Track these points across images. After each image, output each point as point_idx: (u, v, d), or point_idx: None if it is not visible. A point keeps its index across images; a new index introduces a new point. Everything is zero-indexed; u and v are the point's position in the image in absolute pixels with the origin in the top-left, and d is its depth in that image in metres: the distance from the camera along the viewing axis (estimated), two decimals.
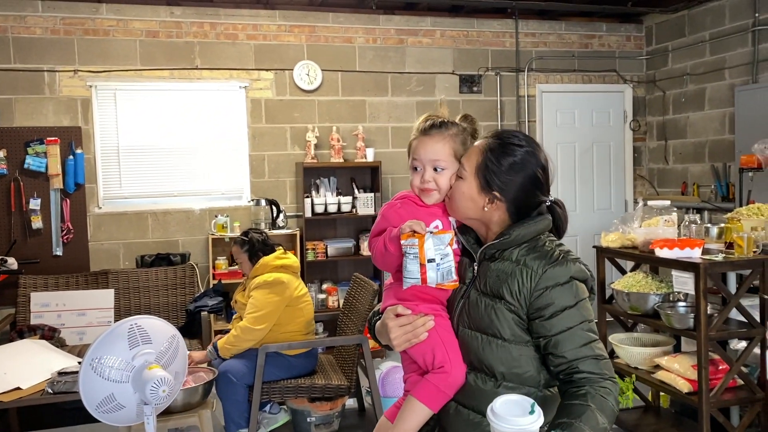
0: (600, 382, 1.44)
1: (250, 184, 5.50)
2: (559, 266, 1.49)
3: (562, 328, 1.45)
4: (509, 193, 1.54)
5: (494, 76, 6.07)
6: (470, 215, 1.59)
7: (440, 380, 1.54)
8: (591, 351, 1.46)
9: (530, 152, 1.56)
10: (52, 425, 4.19)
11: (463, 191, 1.57)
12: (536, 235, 1.55)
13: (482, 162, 1.55)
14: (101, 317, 4.62)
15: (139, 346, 1.85)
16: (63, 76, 5.01)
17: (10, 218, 4.88)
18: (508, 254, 1.53)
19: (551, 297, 1.47)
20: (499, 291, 1.50)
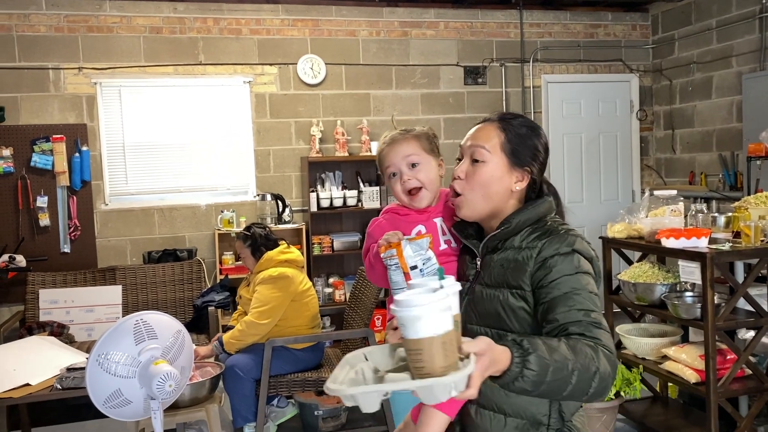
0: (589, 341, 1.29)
1: (256, 179, 5.50)
2: (560, 239, 1.42)
3: (560, 291, 1.36)
4: (535, 165, 1.52)
5: (499, 67, 6.04)
6: (496, 200, 1.50)
7: None
8: (586, 316, 1.33)
9: (530, 121, 1.57)
10: (62, 421, 4.23)
11: (491, 173, 1.49)
12: (539, 218, 1.50)
13: (506, 139, 1.50)
14: (109, 313, 4.64)
15: (145, 341, 1.86)
16: (68, 74, 5.02)
17: (18, 216, 4.91)
18: (510, 242, 1.48)
19: (550, 266, 1.39)
20: (504, 280, 1.45)
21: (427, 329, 1.07)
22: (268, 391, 3.51)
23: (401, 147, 1.65)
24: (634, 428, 3.75)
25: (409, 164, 1.62)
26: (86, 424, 4.16)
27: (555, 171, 6.26)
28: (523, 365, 1.19)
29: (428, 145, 1.67)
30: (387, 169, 1.65)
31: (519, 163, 1.50)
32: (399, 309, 1.09)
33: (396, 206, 1.67)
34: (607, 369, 1.26)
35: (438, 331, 1.07)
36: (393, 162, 1.64)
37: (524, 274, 1.42)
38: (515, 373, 1.19)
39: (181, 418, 3.06)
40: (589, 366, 1.24)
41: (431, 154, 1.67)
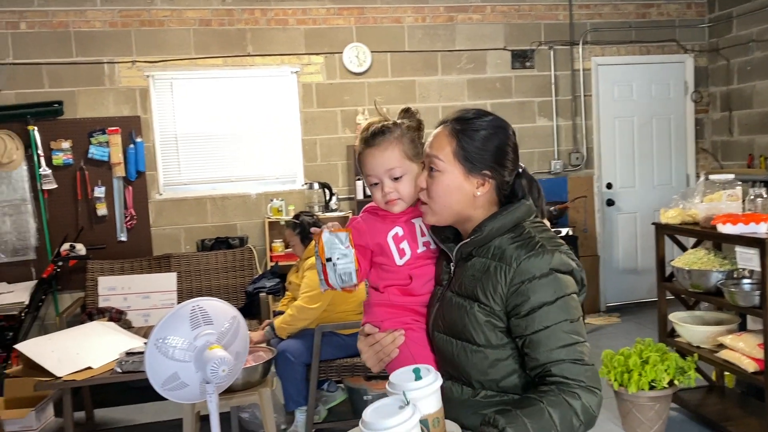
0: (571, 387, 1.28)
1: (303, 168, 5.56)
2: (535, 257, 1.34)
3: (539, 327, 1.31)
4: (495, 167, 1.43)
5: (547, 50, 5.93)
6: (457, 208, 1.44)
7: None
8: (569, 354, 1.30)
9: (494, 119, 1.47)
10: (122, 403, 4.40)
11: (447, 184, 1.43)
12: (516, 223, 1.42)
13: (458, 146, 1.42)
14: (165, 300, 4.79)
15: (201, 326, 1.91)
16: (122, 68, 5.17)
17: (77, 206, 5.09)
18: (485, 250, 1.41)
19: (527, 292, 1.33)
20: (473, 292, 1.39)
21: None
22: (318, 376, 3.57)
23: (383, 157, 1.53)
24: (688, 417, 3.67)
25: (391, 177, 1.53)
26: (145, 406, 4.31)
27: (606, 155, 6.13)
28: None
29: (411, 149, 1.55)
30: (368, 177, 1.56)
31: (475, 169, 1.42)
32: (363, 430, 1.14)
33: (375, 206, 1.60)
34: (591, 414, 1.29)
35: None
36: (374, 172, 1.54)
37: (494, 291, 1.36)
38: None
39: (234, 402, 3.14)
40: (572, 425, 1.26)
41: (414, 160, 1.54)
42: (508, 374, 1.38)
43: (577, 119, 6.05)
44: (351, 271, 1.43)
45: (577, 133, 6.06)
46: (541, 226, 1.44)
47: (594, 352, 4.99)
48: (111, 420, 4.15)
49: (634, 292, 6.24)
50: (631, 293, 6.24)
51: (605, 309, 6.12)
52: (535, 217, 1.46)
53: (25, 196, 5.00)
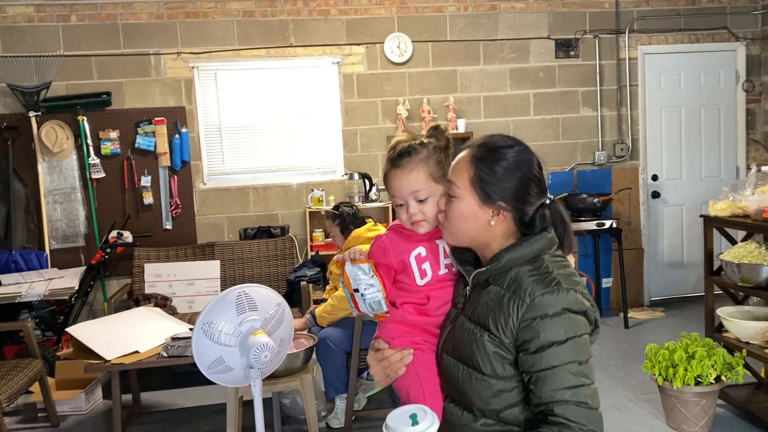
0: (572, 430, 1.27)
1: (344, 159, 5.59)
2: (549, 295, 1.32)
3: (546, 365, 1.30)
4: (513, 200, 1.40)
5: (592, 39, 5.81)
6: (473, 235, 1.43)
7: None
8: (574, 396, 1.29)
9: (520, 151, 1.43)
10: (167, 387, 4.51)
11: (462, 210, 1.42)
12: (535, 255, 1.39)
13: (475, 174, 1.40)
14: (208, 287, 4.89)
15: (246, 312, 1.94)
16: (167, 59, 5.27)
17: (124, 195, 5.23)
18: (502, 279, 1.39)
19: (538, 329, 1.31)
20: (485, 321, 1.37)
21: None
22: (358, 364, 3.60)
23: (408, 179, 1.53)
24: (735, 415, 3.59)
25: (416, 199, 1.53)
26: (188, 390, 4.42)
27: (652, 146, 6.00)
28: None
29: (437, 170, 1.54)
30: (394, 197, 1.57)
31: (490, 200, 1.40)
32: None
33: (400, 224, 1.60)
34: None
35: None
36: (400, 194, 1.55)
37: (506, 324, 1.34)
38: None
39: (277, 387, 3.19)
40: None
41: (439, 182, 1.53)
42: (510, 406, 1.37)
43: (622, 109, 5.92)
44: (380, 300, 1.46)
45: (622, 123, 5.94)
46: (561, 261, 1.41)
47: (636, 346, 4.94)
48: (156, 403, 4.26)
49: (679, 286, 6.10)
50: (675, 287, 6.11)
51: (649, 303, 6.01)
52: (557, 249, 1.43)
53: (75, 184, 5.15)
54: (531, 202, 1.42)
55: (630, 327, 5.32)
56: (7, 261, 4.89)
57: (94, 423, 3.99)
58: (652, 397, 3.78)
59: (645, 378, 4.01)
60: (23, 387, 3.59)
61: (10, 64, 5.01)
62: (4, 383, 3.46)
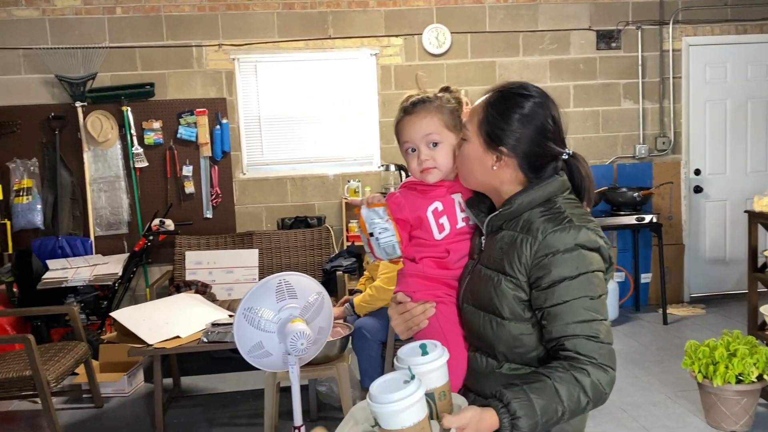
0: (582, 363, 1.27)
1: (380, 150, 5.61)
2: (561, 232, 1.32)
3: (557, 300, 1.31)
4: (518, 148, 1.39)
5: (635, 30, 5.70)
6: (479, 179, 1.45)
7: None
8: (584, 330, 1.29)
9: (538, 102, 1.41)
10: (206, 372, 4.62)
11: (469, 153, 1.44)
12: (547, 198, 1.39)
13: (484, 117, 1.42)
14: (247, 275, 4.97)
15: (286, 300, 1.98)
16: (209, 51, 5.35)
17: (166, 184, 5.34)
18: (514, 223, 1.40)
19: (549, 265, 1.32)
20: (500, 264, 1.39)
21: (395, 423, 1.16)
22: (393, 354, 3.62)
23: (421, 123, 1.54)
24: None
25: (428, 143, 1.53)
26: (226, 375, 4.51)
27: (695, 140, 5.87)
28: (513, 426, 1.23)
29: (451, 119, 1.55)
30: (405, 143, 1.57)
31: (493, 146, 1.41)
32: (370, 402, 1.19)
33: (414, 181, 1.59)
34: (600, 391, 1.28)
35: (405, 424, 1.16)
36: (411, 138, 1.55)
37: (519, 262, 1.35)
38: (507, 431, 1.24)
39: (313, 375, 3.24)
40: (580, 401, 1.27)
41: (453, 131, 1.54)
42: (532, 348, 1.37)
43: (664, 102, 5.80)
44: (394, 244, 1.47)
45: (664, 116, 5.82)
46: (574, 202, 1.41)
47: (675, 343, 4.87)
48: (196, 387, 4.37)
49: (721, 282, 5.97)
50: (717, 284, 5.98)
51: (689, 300, 5.90)
52: (570, 193, 1.42)
53: (119, 173, 5.28)
54: (542, 154, 1.41)
55: (669, 323, 5.24)
56: (53, 247, 5.05)
57: (135, 405, 4.11)
58: (691, 395, 3.72)
59: (683, 375, 3.95)
60: (70, 369, 3.72)
61: (58, 56, 5.15)
62: (52, 364, 3.59)
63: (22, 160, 5.14)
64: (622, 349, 4.65)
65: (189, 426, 3.75)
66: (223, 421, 3.79)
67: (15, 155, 5.14)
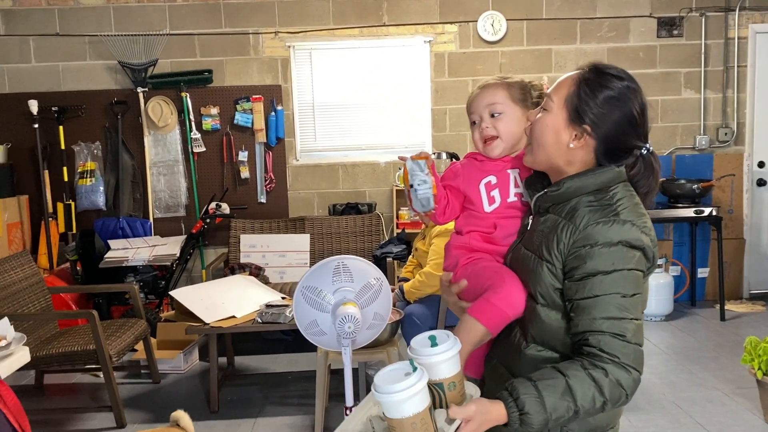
0: (602, 361, 1.23)
1: (432, 138, 5.60)
2: (605, 224, 1.28)
3: (588, 294, 1.27)
4: (601, 129, 1.35)
5: (698, 17, 5.52)
6: (549, 152, 1.40)
7: (492, 294, 1.41)
8: (611, 327, 1.24)
9: (630, 88, 1.36)
10: (258, 352, 4.73)
11: (547, 123, 1.39)
12: (600, 187, 1.34)
13: (574, 92, 1.37)
14: (299, 259, 5.06)
15: (341, 282, 2.02)
16: (265, 38, 5.44)
17: (223, 168, 5.47)
18: (561, 208, 1.36)
19: (586, 257, 1.27)
20: (539, 247, 1.36)
21: (396, 413, 1.18)
22: None
23: (487, 94, 1.56)
24: None
25: (490, 113, 1.54)
26: (278, 356, 4.62)
27: (760, 131, 5.65)
28: (521, 421, 1.22)
29: (519, 94, 1.55)
30: (471, 115, 1.58)
31: (577, 121, 1.36)
32: (375, 392, 1.20)
33: (474, 153, 1.61)
34: (619, 392, 1.24)
35: (406, 414, 1.17)
36: (476, 109, 1.56)
37: (557, 248, 1.32)
38: (516, 425, 1.23)
39: (363, 358, 3.29)
40: (595, 401, 1.23)
41: (519, 104, 1.54)
42: (560, 336, 1.35)
43: (728, 92, 5.61)
44: (429, 197, 1.49)
45: (727, 106, 5.62)
46: (629, 193, 1.35)
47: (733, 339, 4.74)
48: (248, 367, 4.48)
49: None
50: None
51: (748, 296, 5.71)
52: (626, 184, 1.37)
53: (177, 157, 5.44)
54: (622, 141, 1.37)
55: (726, 320, 5.08)
56: (115, 227, 5.24)
57: (191, 382, 4.25)
58: (749, 392, 3.62)
59: (741, 372, 3.85)
60: (130, 344, 3.87)
61: (121, 43, 5.32)
62: (114, 340, 3.74)
63: (86, 143, 5.35)
64: (677, 345, 4.55)
65: (242, 404, 3.85)
66: (275, 401, 3.88)
67: (80, 138, 5.35)
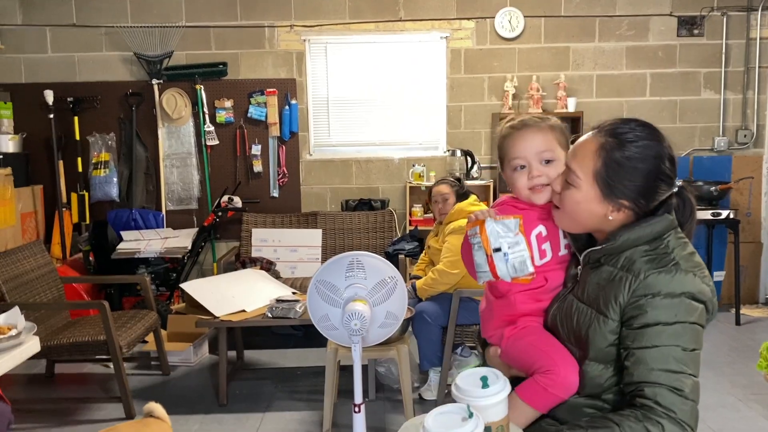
0: (657, 415, 1.18)
1: (446, 135, 5.56)
2: (667, 274, 1.24)
3: (647, 343, 1.22)
4: (638, 197, 1.31)
5: (720, 16, 5.43)
6: (586, 225, 1.37)
7: (546, 379, 1.35)
8: (669, 380, 1.19)
9: (654, 145, 1.31)
10: (267, 347, 4.71)
11: (579, 201, 1.33)
12: (654, 237, 1.30)
13: (601, 167, 1.31)
14: (310, 254, 5.04)
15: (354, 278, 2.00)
16: (281, 31, 5.41)
17: (236, 162, 5.46)
18: (615, 259, 1.32)
19: (646, 306, 1.23)
20: (596, 300, 1.31)
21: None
22: (453, 340, 3.61)
23: (537, 139, 1.46)
24: None
25: (542, 160, 1.45)
26: (288, 351, 4.60)
27: None
28: None
29: (563, 139, 1.48)
30: (514, 160, 1.47)
31: (613, 197, 1.31)
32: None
33: (514, 200, 1.50)
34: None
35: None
36: (523, 153, 1.46)
37: (614, 301, 1.28)
38: None
39: (373, 355, 3.27)
40: None
41: (564, 150, 1.47)
42: (602, 389, 1.32)
43: (748, 93, 5.52)
44: (525, 259, 1.35)
45: (747, 108, 5.54)
46: (684, 241, 1.32)
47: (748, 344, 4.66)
48: (258, 361, 4.47)
49: None
50: None
51: (765, 301, 5.63)
52: (679, 232, 1.33)
53: (190, 150, 5.44)
54: (657, 198, 1.33)
55: (741, 324, 5.01)
56: (128, 219, 5.25)
57: (200, 375, 4.24)
58: (764, 398, 3.56)
59: (756, 378, 3.78)
60: (140, 336, 3.87)
61: (137, 34, 5.32)
62: (124, 331, 3.74)
63: (100, 134, 5.35)
64: None
65: (250, 398, 3.84)
66: (283, 396, 3.87)
67: (94, 129, 5.36)
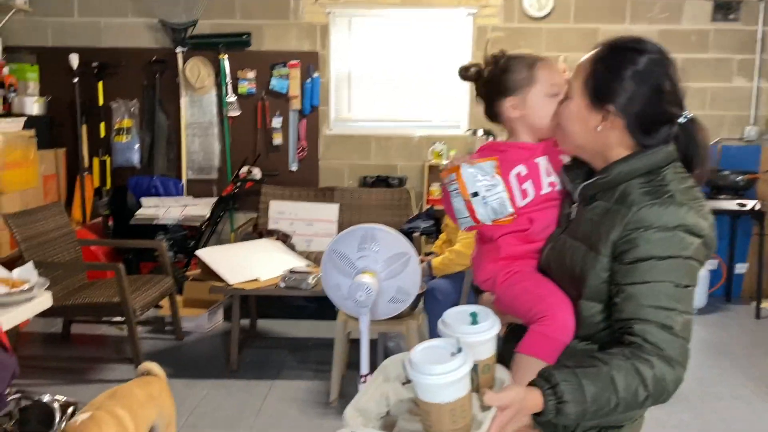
0: (647, 353, 1.14)
1: (469, 114, 5.50)
2: (660, 207, 1.19)
3: (638, 279, 1.17)
4: (628, 107, 1.25)
5: (757, 1, 5.27)
6: (579, 141, 1.33)
7: (546, 327, 1.30)
8: (658, 316, 1.15)
9: (654, 59, 1.26)
10: (279, 317, 4.75)
11: (570, 112, 1.32)
12: (651, 169, 1.25)
13: (590, 73, 1.29)
14: (326, 228, 5.04)
15: (366, 251, 2.00)
16: (306, 3, 5.36)
17: (256, 134, 5.46)
18: (610, 194, 1.28)
19: (638, 240, 1.18)
20: (588, 237, 1.27)
21: (434, 397, 1.05)
22: None
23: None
24: None
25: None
26: (300, 322, 4.63)
27: None
28: (558, 411, 1.12)
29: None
30: (552, 85, 1.41)
31: (599, 104, 1.28)
32: (411, 371, 1.06)
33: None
34: (663, 387, 1.14)
35: (446, 399, 1.05)
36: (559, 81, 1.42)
37: (607, 237, 1.23)
38: (551, 415, 1.13)
39: (383, 328, 3.27)
40: (637, 394, 1.14)
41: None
42: (597, 328, 1.28)
43: None
44: (504, 200, 1.34)
45: None
46: (682, 175, 1.26)
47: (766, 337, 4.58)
48: (270, 330, 4.51)
49: None
50: None
51: None
52: (679, 166, 1.28)
53: (212, 120, 5.45)
54: (655, 115, 1.27)
55: (761, 318, 4.93)
56: (148, 185, 5.30)
57: (213, 341, 4.29)
58: None
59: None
60: (155, 300, 3.92)
61: (162, 1, 5.30)
62: (139, 294, 3.78)
63: (124, 100, 5.38)
64: (708, 339, 4.43)
65: (261, 366, 3.88)
66: (292, 365, 3.90)
67: (118, 95, 5.38)
